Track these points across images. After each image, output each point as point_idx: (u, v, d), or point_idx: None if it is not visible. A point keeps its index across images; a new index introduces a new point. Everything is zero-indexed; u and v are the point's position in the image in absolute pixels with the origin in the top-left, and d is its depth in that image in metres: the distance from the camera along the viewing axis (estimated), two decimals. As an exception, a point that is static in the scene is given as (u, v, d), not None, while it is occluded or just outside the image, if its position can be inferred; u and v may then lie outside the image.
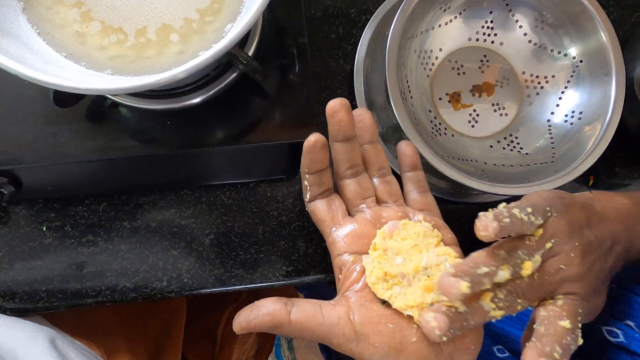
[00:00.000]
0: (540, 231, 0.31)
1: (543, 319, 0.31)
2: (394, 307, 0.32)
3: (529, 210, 0.31)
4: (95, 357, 0.43)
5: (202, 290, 0.43)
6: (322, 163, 0.35)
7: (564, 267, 0.31)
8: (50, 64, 0.30)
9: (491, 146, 0.45)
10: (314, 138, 0.33)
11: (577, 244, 0.32)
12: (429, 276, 0.33)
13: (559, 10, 0.43)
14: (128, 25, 0.33)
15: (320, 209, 0.36)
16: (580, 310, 0.31)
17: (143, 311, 0.55)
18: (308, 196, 0.36)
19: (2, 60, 0.27)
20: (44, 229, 0.43)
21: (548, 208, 0.32)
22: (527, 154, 0.44)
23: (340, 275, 0.35)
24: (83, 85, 0.28)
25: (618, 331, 0.36)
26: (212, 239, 0.43)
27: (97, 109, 0.38)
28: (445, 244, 0.35)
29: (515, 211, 0.31)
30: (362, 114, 0.36)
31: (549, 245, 0.31)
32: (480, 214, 0.30)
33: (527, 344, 0.31)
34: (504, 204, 0.32)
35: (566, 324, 0.30)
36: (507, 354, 0.42)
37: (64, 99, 0.35)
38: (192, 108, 0.38)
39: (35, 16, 0.33)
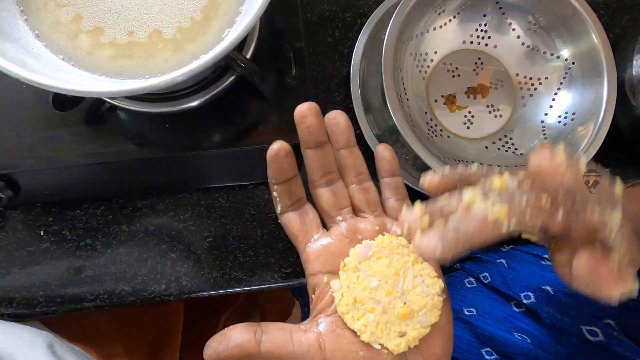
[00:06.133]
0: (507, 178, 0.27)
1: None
2: (362, 339, 0.30)
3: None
4: (93, 361, 0.43)
5: (200, 293, 0.43)
6: (289, 172, 0.33)
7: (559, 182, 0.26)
8: (49, 67, 0.30)
9: (486, 147, 0.45)
10: (276, 146, 0.32)
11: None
12: (405, 302, 0.31)
13: (551, 13, 0.44)
14: (126, 29, 0.34)
15: (293, 222, 0.34)
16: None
17: (140, 316, 0.55)
18: (279, 208, 0.34)
19: (3, 64, 0.27)
20: (42, 233, 0.43)
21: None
22: (521, 154, 0.44)
23: (313, 296, 0.33)
24: (84, 88, 0.28)
25: (597, 330, 0.36)
26: (211, 242, 0.44)
27: (95, 112, 0.38)
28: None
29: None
30: (337, 117, 0.33)
31: (527, 183, 0.27)
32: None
33: None
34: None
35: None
36: (495, 356, 0.42)
37: (63, 102, 0.36)
38: (190, 111, 0.38)
39: (34, 19, 0.33)
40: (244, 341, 0.29)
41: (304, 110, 0.32)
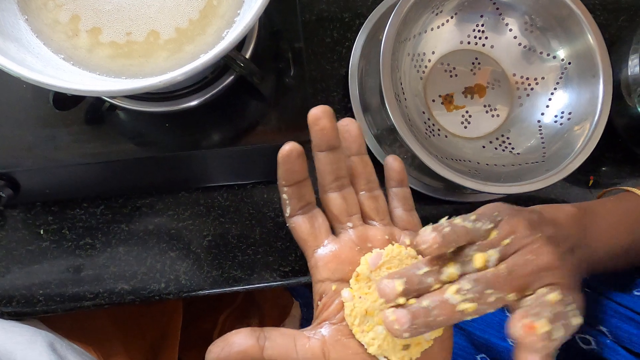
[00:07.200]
0: (494, 233, 0.30)
1: (529, 300, 0.28)
2: (369, 351, 0.30)
3: (473, 217, 0.30)
4: (93, 360, 0.43)
5: (200, 292, 0.43)
6: (300, 173, 0.32)
7: (532, 258, 0.29)
8: (50, 67, 0.31)
9: (483, 146, 0.46)
10: (288, 147, 0.31)
11: (539, 235, 0.30)
12: None
13: (548, 14, 0.44)
14: (123, 30, 0.34)
15: (302, 226, 0.33)
16: (570, 297, 0.29)
17: (140, 315, 0.55)
18: (288, 211, 0.33)
19: (6, 63, 0.27)
20: (42, 232, 0.43)
21: (496, 214, 0.30)
22: (518, 153, 0.45)
23: (319, 302, 0.32)
24: (84, 87, 0.28)
25: (590, 338, 0.36)
26: (210, 241, 0.44)
27: (95, 112, 0.38)
28: None
29: (457, 221, 0.30)
30: (349, 124, 0.34)
31: (506, 241, 0.29)
32: (420, 229, 0.29)
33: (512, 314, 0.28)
34: (446, 217, 0.31)
35: (555, 295, 0.28)
36: None
37: (63, 101, 0.36)
38: (189, 110, 0.39)
39: (34, 19, 0.33)
40: (247, 347, 0.29)
41: (318, 113, 0.31)
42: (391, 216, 0.35)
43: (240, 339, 0.29)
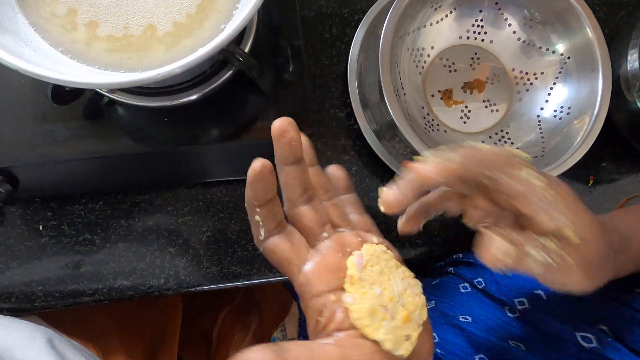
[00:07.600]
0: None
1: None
2: (384, 348, 0.30)
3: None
4: (93, 356, 0.43)
5: (199, 287, 0.43)
6: (272, 191, 0.30)
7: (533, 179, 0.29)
8: (48, 60, 0.31)
9: (483, 141, 0.46)
10: (260, 164, 0.29)
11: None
12: (403, 305, 0.31)
13: (547, 9, 0.44)
14: (121, 23, 0.34)
15: (282, 246, 0.31)
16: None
17: (139, 313, 0.55)
18: (262, 233, 0.31)
19: (4, 56, 0.27)
20: (41, 228, 0.43)
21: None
22: (518, 148, 0.45)
23: (320, 318, 0.30)
24: (82, 79, 0.28)
25: (591, 336, 0.36)
26: (209, 237, 0.44)
27: (94, 107, 0.38)
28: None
29: None
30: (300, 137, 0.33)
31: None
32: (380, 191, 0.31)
33: None
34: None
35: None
36: None
37: (62, 96, 0.36)
38: (188, 105, 0.38)
39: (32, 13, 0.33)
40: None
41: (285, 125, 0.30)
42: None
43: (258, 355, 0.27)
